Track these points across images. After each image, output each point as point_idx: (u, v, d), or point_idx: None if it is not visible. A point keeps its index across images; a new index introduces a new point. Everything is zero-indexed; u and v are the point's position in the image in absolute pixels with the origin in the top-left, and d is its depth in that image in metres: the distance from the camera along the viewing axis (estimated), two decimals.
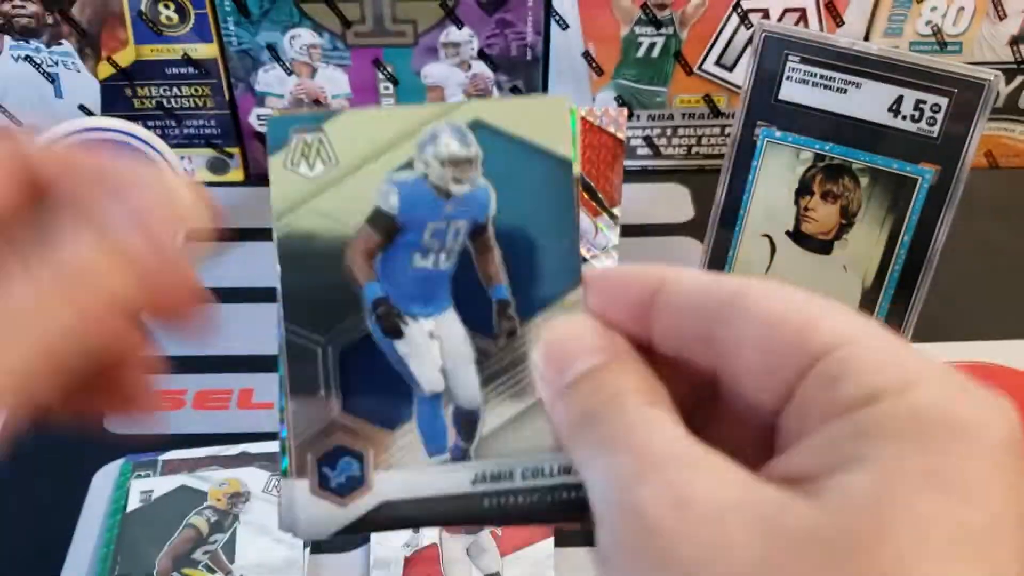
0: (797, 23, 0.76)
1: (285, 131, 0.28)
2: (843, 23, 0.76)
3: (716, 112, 0.81)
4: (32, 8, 0.73)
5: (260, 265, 0.75)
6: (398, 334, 0.28)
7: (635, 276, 0.25)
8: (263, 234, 0.78)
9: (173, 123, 0.79)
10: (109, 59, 0.75)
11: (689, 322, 0.24)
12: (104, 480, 0.59)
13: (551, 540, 0.55)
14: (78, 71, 0.76)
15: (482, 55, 0.77)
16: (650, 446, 0.21)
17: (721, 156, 0.73)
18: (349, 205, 0.28)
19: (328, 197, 0.28)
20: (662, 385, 0.24)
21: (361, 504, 0.27)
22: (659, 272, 0.25)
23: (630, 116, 0.81)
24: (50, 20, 0.73)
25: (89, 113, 0.77)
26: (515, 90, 0.80)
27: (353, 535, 0.27)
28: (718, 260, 0.64)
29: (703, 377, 0.25)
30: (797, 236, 0.62)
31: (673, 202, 0.80)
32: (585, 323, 0.25)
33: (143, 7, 0.73)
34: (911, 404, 0.19)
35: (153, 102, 0.78)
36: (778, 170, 0.61)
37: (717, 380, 0.24)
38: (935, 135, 0.56)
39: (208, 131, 0.80)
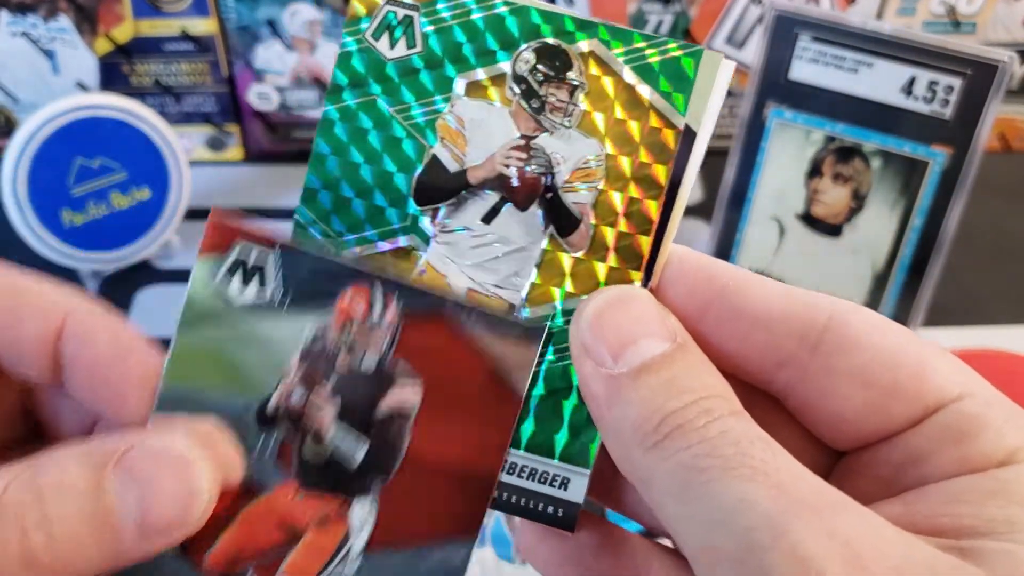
0: (809, 1, 0.74)
1: None
2: (855, 1, 0.75)
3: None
4: None
5: None
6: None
7: (712, 267, 0.23)
8: (263, 214, 0.77)
9: (171, 100, 0.78)
10: (107, 35, 0.74)
11: (765, 335, 0.22)
12: None
13: None
14: (75, 47, 0.74)
15: None
16: (785, 477, 0.19)
17: (730, 136, 0.72)
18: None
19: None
20: (729, 386, 0.22)
21: None
22: (732, 271, 0.23)
23: None
24: None
25: (87, 90, 0.76)
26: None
27: None
28: (726, 243, 0.63)
29: (747, 384, 0.23)
30: (807, 219, 0.61)
31: None
32: (645, 297, 0.23)
33: None
34: None
35: (151, 79, 0.77)
36: (788, 151, 0.59)
37: (780, 395, 0.23)
38: (948, 116, 0.55)
39: (207, 108, 0.79)
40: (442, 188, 0.25)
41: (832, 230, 0.60)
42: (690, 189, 0.24)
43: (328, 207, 0.25)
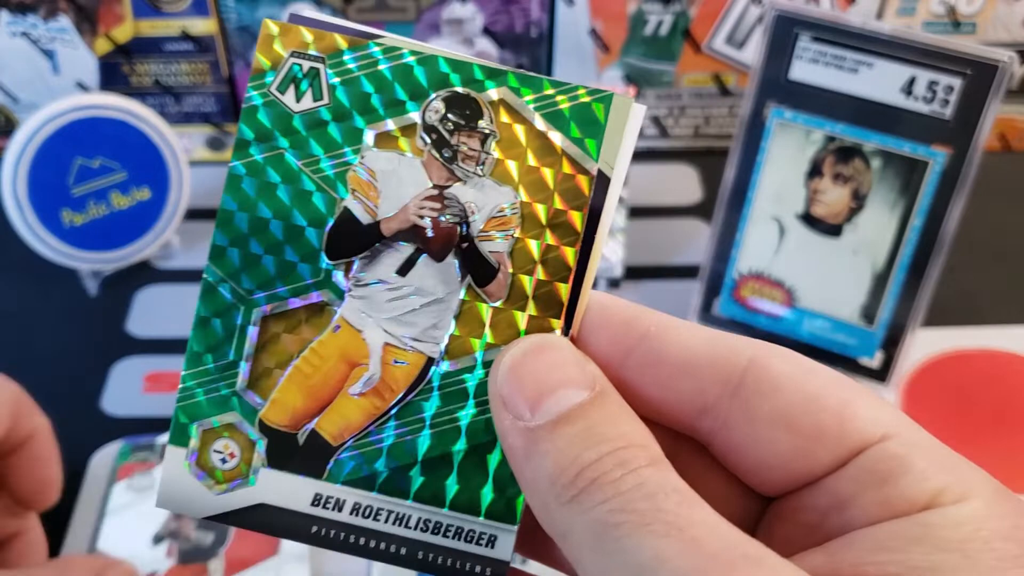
0: (809, 1, 0.74)
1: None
2: (855, 1, 0.75)
3: (725, 91, 0.80)
4: None
5: None
6: None
7: (633, 312, 0.23)
8: None
9: (171, 100, 0.78)
10: (107, 35, 0.74)
11: (686, 381, 0.22)
12: (102, 462, 0.58)
13: None
14: (75, 47, 0.74)
15: (486, 32, 0.76)
16: (700, 532, 0.18)
17: (730, 136, 0.72)
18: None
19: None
20: (650, 433, 0.21)
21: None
22: (653, 316, 0.23)
23: (637, 95, 0.80)
24: None
25: (87, 90, 0.76)
26: (520, 68, 0.79)
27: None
28: (726, 243, 0.63)
29: (673, 430, 0.23)
30: (807, 219, 0.61)
31: (681, 183, 0.79)
32: (563, 345, 0.22)
33: None
34: (974, 516, 0.19)
35: (151, 79, 0.77)
36: (788, 151, 0.59)
37: (704, 441, 0.23)
38: (948, 116, 0.55)
39: (207, 108, 0.79)
40: (355, 241, 0.24)
41: (832, 230, 0.60)
42: (607, 234, 0.24)
43: (237, 264, 0.24)
